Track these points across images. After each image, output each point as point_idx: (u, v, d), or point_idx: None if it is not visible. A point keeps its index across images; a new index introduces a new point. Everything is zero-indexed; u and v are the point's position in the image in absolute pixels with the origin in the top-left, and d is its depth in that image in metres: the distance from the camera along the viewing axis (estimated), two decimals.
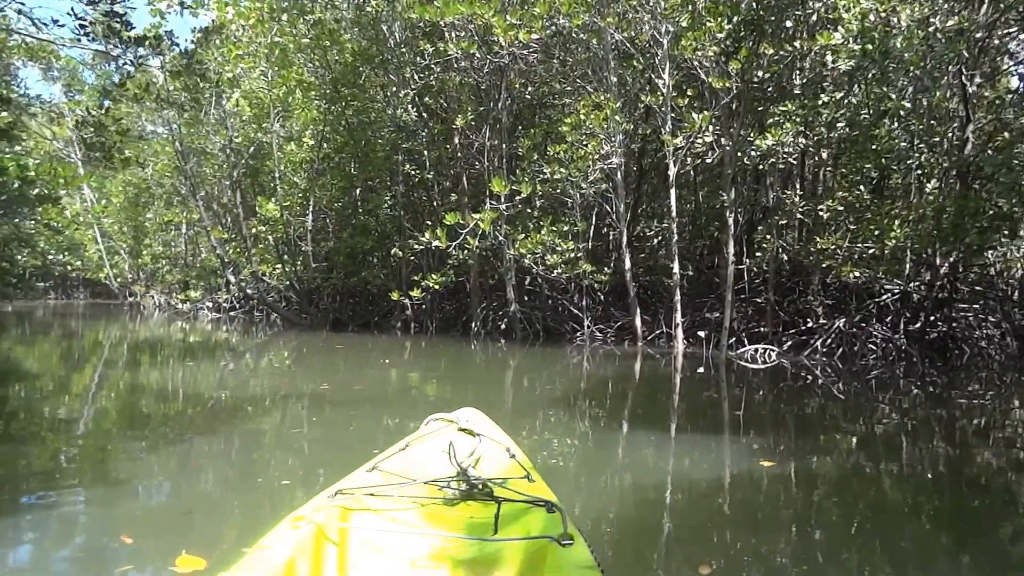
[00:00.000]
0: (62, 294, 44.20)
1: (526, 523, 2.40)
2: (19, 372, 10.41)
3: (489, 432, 3.28)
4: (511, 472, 2.84)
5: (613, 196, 13.89)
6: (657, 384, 10.61)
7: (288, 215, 20.03)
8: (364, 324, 19.91)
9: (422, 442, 3.16)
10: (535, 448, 5.55)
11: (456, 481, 2.62)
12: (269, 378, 9.45)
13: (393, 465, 2.87)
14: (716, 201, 15.70)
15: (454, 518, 2.53)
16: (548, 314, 16.69)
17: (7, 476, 4.47)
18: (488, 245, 15.05)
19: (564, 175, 12.76)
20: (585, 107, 12.21)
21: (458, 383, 10.49)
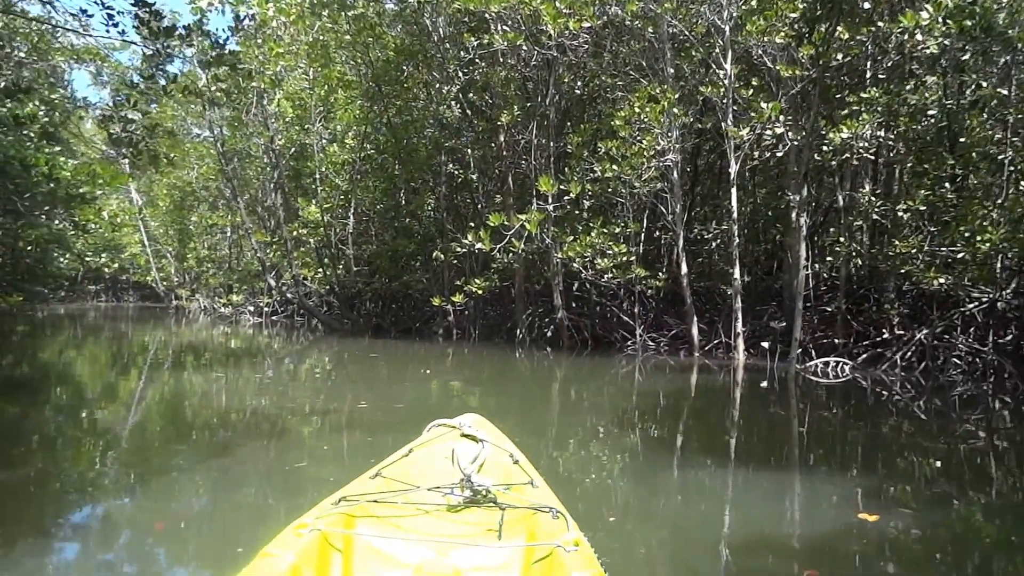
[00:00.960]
0: (112, 297, 45.01)
1: (531, 529, 2.38)
2: (67, 376, 10.39)
3: (492, 438, 3.22)
4: (515, 478, 2.81)
5: (668, 195, 13.04)
6: (715, 399, 9.74)
7: (329, 217, 19.63)
8: (406, 330, 19.38)
9: (425, 448, 3.10)
10: (577, 469, 5.26)
11: (460, 487, 2.60)
12: (305, 393, 8.73)
13: (396, 471, 2.83)
14: (777, 202, 14.70)
15: (458, 524, 2.50)
16: (597, 321, 15.87)
17: (52, 477, 4.76)
18: (534, 248, 14.31)
19: (616, 173, 11.96)
20: (640, 99, 11.39)
21: (502, 394, 9.86)
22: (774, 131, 10.61)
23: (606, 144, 11.92)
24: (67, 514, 4.00)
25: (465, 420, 3.39)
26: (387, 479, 2.77)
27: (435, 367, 12.65)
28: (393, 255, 18.82)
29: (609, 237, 12.42)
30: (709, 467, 5.51)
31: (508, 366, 13.32)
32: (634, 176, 12.19)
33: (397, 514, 2.53)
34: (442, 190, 17.45)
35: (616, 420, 7.62)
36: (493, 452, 3.06)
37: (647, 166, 11.91)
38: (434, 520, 2.54)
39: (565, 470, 5.24)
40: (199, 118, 21.17)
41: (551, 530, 2.29)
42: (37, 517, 3.82)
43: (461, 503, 2.61)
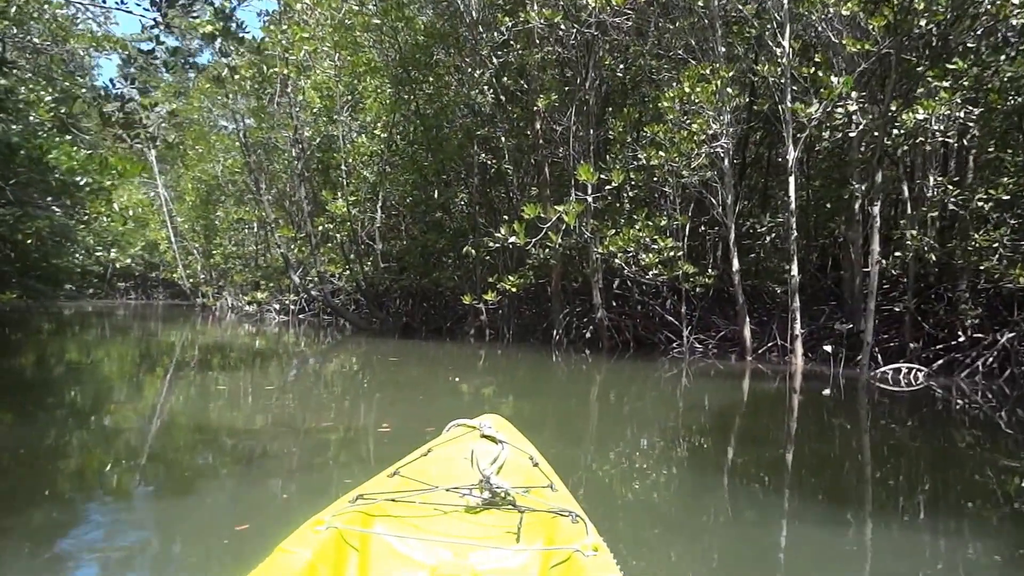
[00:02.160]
0: (142, 294, 45.26)
1: (549, 533, 2.37)
2: (83, 380, 10.05)
3: (512, 439, 3.20)
4: (534, 481, 2.80)
5: (719, 185, 12.19)
6: (771, 408, 8.94)
7: (357, 211, 19.09)
8: (436, 330, 18.77)
9: (444, 447, 3.10)
10: (616, 482, 4.96)
11: (479, 488, 2.59)
12: (320, 409, 7.56)
13: (415, 470, 2.83)
14: (838, 191, 13.73)
15: (476, 526, 2.48)
16: (639, 322, 15.07)
17: (79, 474, 4.86)
18: (572, 243, 13.57)
19: (663, 160, 11.15)
20: (690, 79, 10.56)
21: (537, 401, 9.19)
22: (847, 109, 9.68)
23: (652, 129, 11.13)
24: (72, 526, 3.87)
25: (485, 421, 3.34)
26: (405, 478, 2.75)
27: (466, 370, 12.04)
28: (423, 251, 18.22)
29: (654, 230, 11.61)
30: (760, 487, 4.97)
31: (544, 369, 12.62)
32: (682, 164, 11.37)
33: (415, 514, 2.52)
34: (474, 182, 16.77)
35: (660, 430, 7.11)
36: (512, 454, 3.04)
37: (697, 152, 11.07)
38: (452, 521, 2.52)
39: (603, 483, 4.93)
40: (225, 109, 20.76)
41: (570, 534, 2.27)
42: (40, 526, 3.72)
43: (479, 505, 2.59)
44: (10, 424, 6.50)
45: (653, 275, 12.02)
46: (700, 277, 12.24)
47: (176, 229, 29.88)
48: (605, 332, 14.45)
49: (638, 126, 12.77)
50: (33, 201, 10.60)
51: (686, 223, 12.08)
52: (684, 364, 12.49)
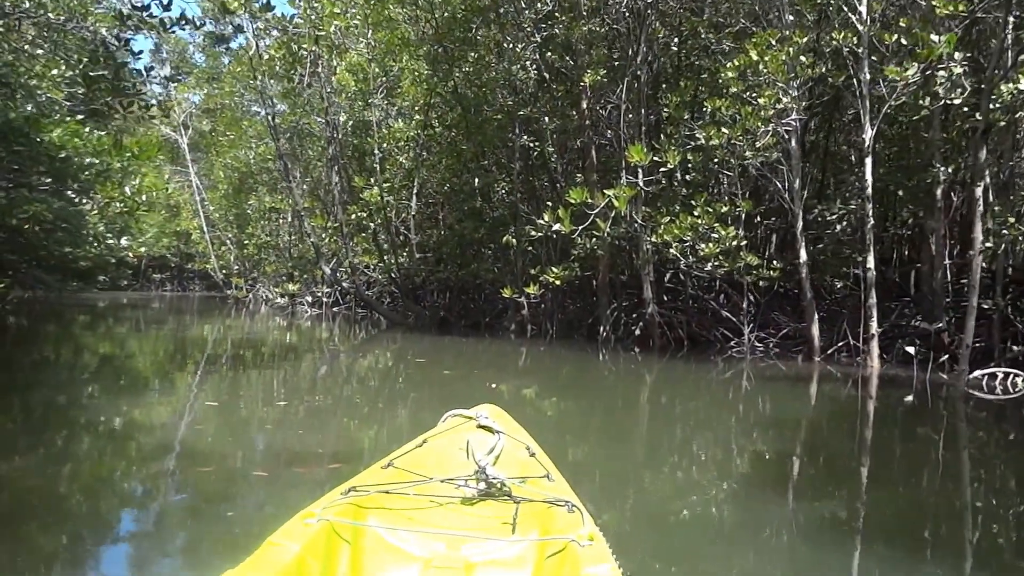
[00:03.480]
0: (177, 286, 45.45)
1: (545, 523, 2.37)
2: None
3: (508, 430, 3.16)
4: (531, 471, 2.77)
5: (785, 167, 11.24)
6: (844, 416, 8.06)
7: (391, 199, 18.48)
8: (474, 325, 18.08)
9: (440, 438, 3.05)
10: (669, 496, 4.55)
11: (474, 479, 2.57)
12: (336, 427, 6.37)
13: (409, 462, 2.79)
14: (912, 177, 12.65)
15: (471, 517, 2.47)
16: (692, 318, 14.17)
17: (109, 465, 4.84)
18: (621, 232, 12.74)
19: (726, 139, 10.25)
20: (758, 46, 9.62)
21: (583, 404, 8.53)
22: (950, 71, 8.64)
23: (712, 103, 10.22)
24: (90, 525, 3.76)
25: (481, 411, 3.31)
26: (399, 470, 2.73)
27: (506, 369, 11.41)
28: (460, 241, 17.54)
29: (714, 217, 10.71)
30: (824, 511, 4.32)
31: (589, 369, 11.85)
32: (746, 144, 10.46)
33: (408, 506, 2.51)
34: (515, 167, 16.00)
35: (716, 438, 6.54)
36: (509, 444, 3.01)
37: (763, 130, 10.15)
38: (446, 512, 2.51)
39: (654, 497, 4.55)
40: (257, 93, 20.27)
41: (566, 524, 2.27)
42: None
43: (475, 496, 2.58)
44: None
45: (712, 267, 11.12)
46: (763, 270, 11.29)
47: (208, 218, 29.66)
48: (656, 329, 13.59)
49: (695, 103, 11.86)
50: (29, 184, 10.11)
51: (750, 209, 11.13)
52: (744, 365, 11.60)
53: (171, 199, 32.82)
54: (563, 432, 6.47)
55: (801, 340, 12.91)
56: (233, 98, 25.44)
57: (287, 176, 20.28)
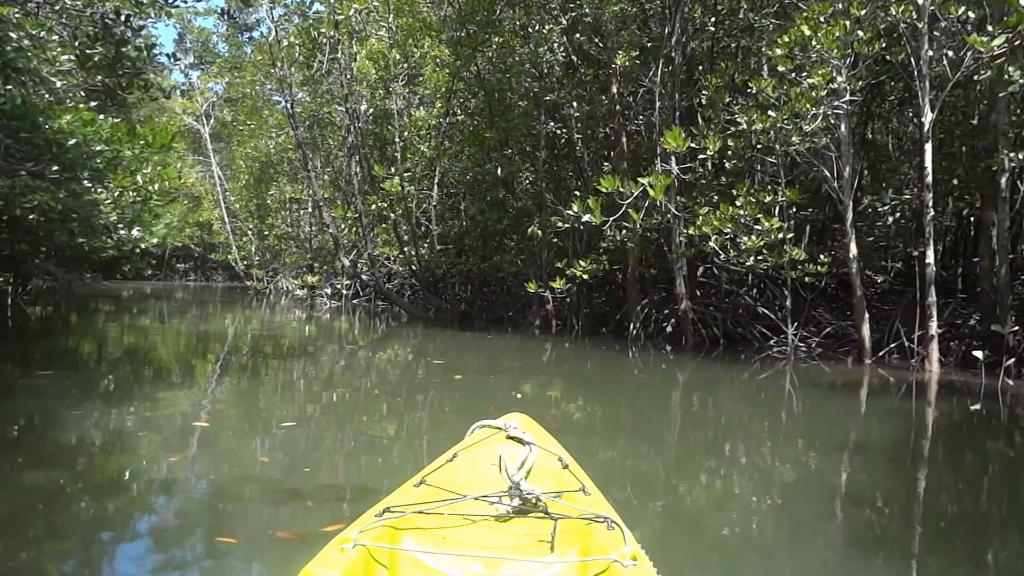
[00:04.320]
0: (201, 276, 45.12)
1: (585, 541, 2.28)
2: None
3: (539, 440, 3.05)
4: (565, 484, 2.69)
5: (834, 154, 10.26)
6: (902, 426, 7.16)
7: (412, 189, 17.68)
8: (496, 319, 17.27)
9: (470, 452, 2.95)
10: (706, 509, 4.13)
11: (508, 495, 2.49)
12: (338, 452, 5.22)
13: (441, 478, 2.72)
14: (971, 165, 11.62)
15: (508, 536, 2.40)
16: (727, 315, 13.25)
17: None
18: (653, 223, 11.83)
19: (771, 123, 9.30)
20: (810, 20, 8.65)
21: (609, 405, 7.84)
22: None
23: (758, 83, 9.27)
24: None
25: (510, 421, 3.18)
26: (432, 487, 2.64)
27: (530, 367, 10.63)
28: (483, 232, 16.72)
29: (757, 208, 9.77)
30: (885, 529, 3.85)
31: (618, 368, 10.99)
32: (794, 128, 9.50)
33: (443, 525, 2.42)
34: (541, 156, 15.13)
35: (759, 446, 5.90)
36: (541, 456, 2.88)
37: (813, 113, 9.19)
38: (482, 531, 2.42)
39: (691, 510, 4.17)
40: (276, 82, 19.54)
41: (606, 543, 2.17)
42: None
43: (509, 512, 2.47)
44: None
45: (754, 262, 10.18)
46: (809, 264, 10.31)
47: (229, 209, 29.08)
48: (689, 326, 12.69)
49: (735, 86, 10.91)
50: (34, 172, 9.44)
51: (796, 199, 10.15)
52: (786, 366, 10.67)
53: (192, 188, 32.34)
54: (591, 436, 5.93)
55: (846, 340, 11.97)
56: (254, 87, 24.76)
57: (306, 165, 19.55)
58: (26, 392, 6.99)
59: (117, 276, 38.45)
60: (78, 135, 10.41)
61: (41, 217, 9.30)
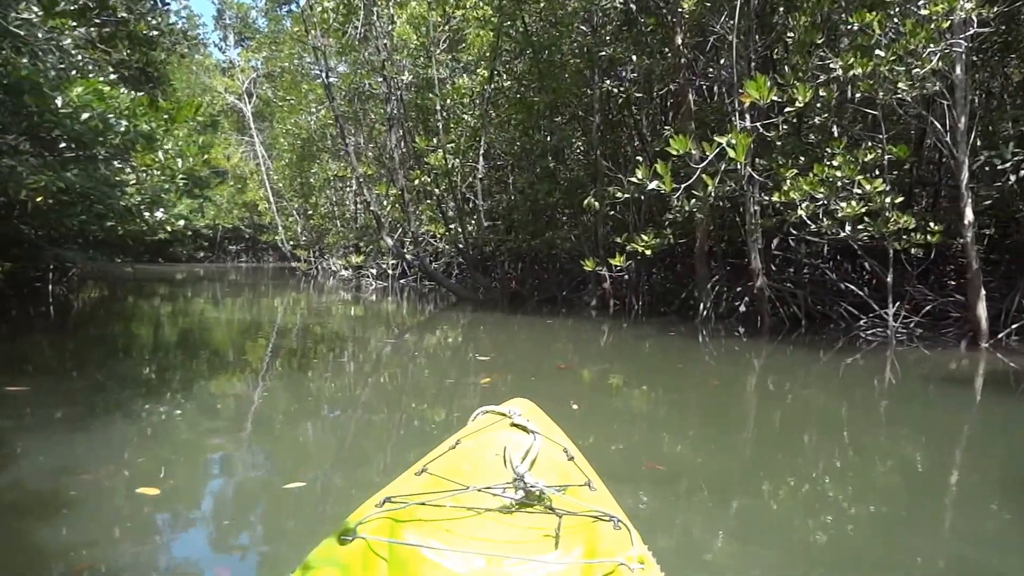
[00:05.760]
0: (252, 257, 44.70)
1: (590, 540, 2.16)
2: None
3: (544, 429, 2.86)
4: (570, 478, 2.57)
5: (948, 103, 8.53)
6: None
7: (456, 161, 16.33)
8: (550, 299, 15.89)
9: (473, 439, 2.79)
10: (789, 519, 3.48)
11: (512, 487, 2.36)
12: (355, 464, 4.53)
13: (443, 467, 2.59)
14: None
15: (511, 529, 2.27)
16: (808, 292, 11.62)
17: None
18: (727, 191, 10.27)
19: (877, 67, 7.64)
20: None
21: (676, 393, 6.88)
22: None
23: (860, 17, 7.60)
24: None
25: (514, 407, 2.96)
26: (433, 476, 2.52)
27: (586, 350, 9.44)
28: (533, 206, 15.29)
29: (857, 169, 8.13)
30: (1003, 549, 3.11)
31: (685, 353, 9.56)
32: (902, 74, 7.82)
33: (445, 517, 2.27)
34: (595, 120, 13.58)
35: (855, 447, 4.92)
36: (545, 446, 2.70)
37: (929, 51, 7.49)
38: (485, 524, 2.26)
39: (775, 516, 3.53)
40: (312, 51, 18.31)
41: (612, 543, 2.07)
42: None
43: (513, 505, 2.31)
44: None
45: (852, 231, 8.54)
46: (917, 234, 8.61)
47: (273, 189, 28.15)
48: (766, 305, 11.11)
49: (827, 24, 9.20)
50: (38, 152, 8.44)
51: (904, 156, 8.44)
52: (888, 351, 9.06)
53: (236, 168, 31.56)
54: (657, 428, 5.31)
55: (950, 320, 10.29)
56: (292, 60, 23.64)
57: (343, 137, 18.31)
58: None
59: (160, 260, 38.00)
60: (92, 109, 9.33)
61: (49, 199, 8.23)
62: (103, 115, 9.27)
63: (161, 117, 10.98)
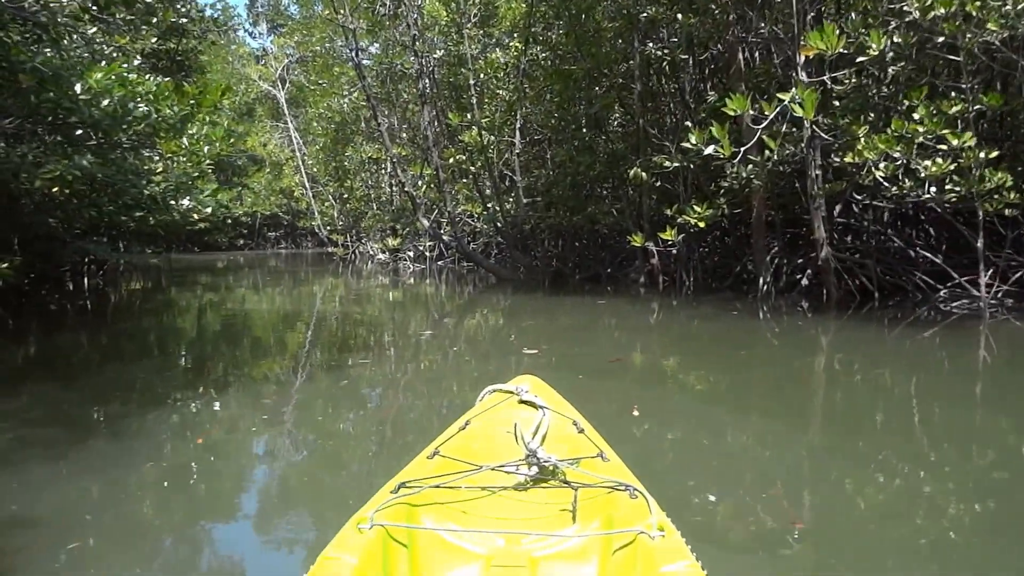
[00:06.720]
0: (291, 244, 44.52)
1: (607, 511, 2.14)
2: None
3: (553, 404, 2.86)
4: (582, 450, 2.54)
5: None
6: None
7: (492, 137, 15.53)
8: (593, 277, 15.07)
9: (482, 418, 2.79)
10: (876, 506, 3.19)
11: (525, 464, 2.35)
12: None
13: (455, 448, 2.56)
14: None
15: (527, 507, 2.27)
16: (876, 261, 10.61)
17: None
18: (787, 155, 9.32)
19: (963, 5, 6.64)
20: None
21: (739, 374, 6.28)
22: None
23: None
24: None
25: (522, 385, 2.97)
26: (446, 458, 2.48)
27: (636, 331, 8.79)
28: (573, 180, 14.43)
29: (942, 122, 7.13)
30: None
31: (746, 331, 8.73)
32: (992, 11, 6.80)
33: (461, 499, 2.28)
34: (636, 88, 12.65)
35: (948, 433, 4.41)
36: (555, 421, 2.71)
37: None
38: (501, 503, 2.27)
39: (861, 504, 3.21)
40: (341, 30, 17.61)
41: (630, 513, 2.02)
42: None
43: (527, 481, 2.32)
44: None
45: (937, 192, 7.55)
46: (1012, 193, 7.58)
47: (309, 174, 27.66)
48: (832, 277, 10.16)
49: None
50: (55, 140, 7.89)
51: (997, 105, 7.39)
52: (983, 326, 8.09)
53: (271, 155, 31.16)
54: (722, 413, 4.93)
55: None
56: (324, 44, 23.01)
57: (376, 118, 17.62)
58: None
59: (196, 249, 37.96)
60: (111, 95, 8.74)
61: (65, 189, 7.69)
62: (123, 100, 8.67)
63: (187, 102, 10.40)
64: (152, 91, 9.35)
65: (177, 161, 10.25)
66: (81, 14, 9.87)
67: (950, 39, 7.43)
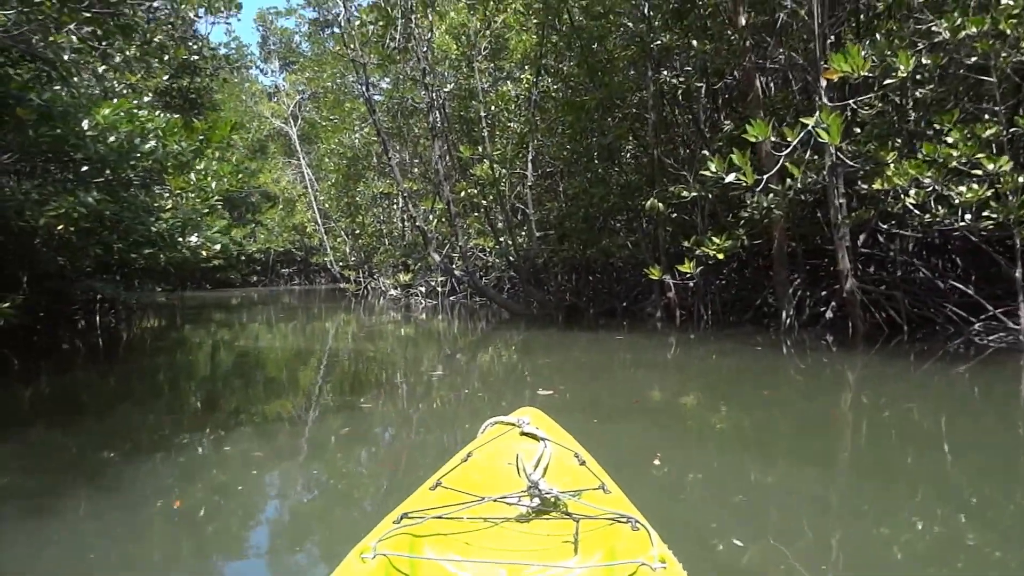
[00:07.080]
0: (304, 280, 44.35)
1: (609, 543, 2.14)
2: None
3: (554, 436, 2.82)
4: (584, 482, 2.52)
5: None
6: None
7: (503, 170, 15.27)
8: (608, 311, 14.66)
9: (484, 450, 2.77)
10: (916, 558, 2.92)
11: (527, 496, 2.35)
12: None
13: (457, 479, 2.57)
14: None
15: (529, 538, 2.28)
16: (904, 294, 10.15)
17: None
18: (808, 183, 8.95)
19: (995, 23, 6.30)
20: None
21: (761, 411, 5.99)
22: None
23: None
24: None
25: (523, 417, 2.93)
26: (448, 490, 2.48)
27: (654, 369, 8.26)
28: (586, 213, 14.10)
29: (976, 146, 6.75)
30: None
31: (769, 367, 8.31)
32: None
33: (463, 530, 2.29)
34: (651, 117, 12.37)
35: (988, 477, 4.01)
36: (557, 452, 2.68)
37: None
38: (503, 534, 2.29)
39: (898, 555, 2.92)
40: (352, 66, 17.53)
41: (632, 544, 2.04)
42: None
43: (529, 513, 2.33)
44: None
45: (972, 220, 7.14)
46: None
47: (321, 210, 27.55)
48: (858, 310, 9.71)
49: None
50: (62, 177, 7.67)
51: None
52: (1022, 360, 7.62)
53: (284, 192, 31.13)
54: (747, 458, 4.55)
55: None
56: (335, 80, 23.02)
57: (386, 152, 17.44)
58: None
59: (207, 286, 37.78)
60: (119, 131, 8.54)
61: (70, 226, 7.44)
62: (130, 135, 8.46)
63: (196, 138, 10.20)
64: (161, 127, 9.18)
65: (186, 197, 10.03)
66: (86, 48, 9.76)
67: (981, 60, 7.09)
